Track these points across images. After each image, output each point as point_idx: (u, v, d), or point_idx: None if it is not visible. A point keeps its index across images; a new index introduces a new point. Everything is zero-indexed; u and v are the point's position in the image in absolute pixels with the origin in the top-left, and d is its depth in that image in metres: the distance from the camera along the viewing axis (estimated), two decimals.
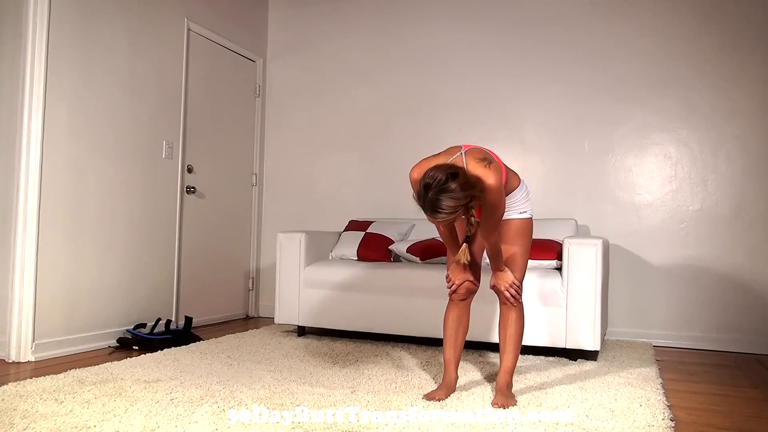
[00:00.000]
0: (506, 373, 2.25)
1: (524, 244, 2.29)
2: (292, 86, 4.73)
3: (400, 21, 4.41)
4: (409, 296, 3.32)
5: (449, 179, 1.88)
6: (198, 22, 4.06)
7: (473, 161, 2.04)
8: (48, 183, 3.00)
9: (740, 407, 2.30)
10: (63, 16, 3.07)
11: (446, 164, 1.99)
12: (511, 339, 2.27)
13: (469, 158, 2.06)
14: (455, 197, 1.89)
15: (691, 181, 3.70)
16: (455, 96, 4.23)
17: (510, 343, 2.27)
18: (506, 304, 2.29)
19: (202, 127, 4.11)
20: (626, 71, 3.84)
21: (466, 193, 1.91)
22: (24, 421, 1.86)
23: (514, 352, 2.27)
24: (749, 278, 3.55)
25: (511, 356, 2.27)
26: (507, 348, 2.27)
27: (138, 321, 3.51)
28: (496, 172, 2.02)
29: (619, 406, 2.15)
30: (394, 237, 3.79)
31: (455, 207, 1.91)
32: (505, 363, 2.27)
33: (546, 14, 4.04)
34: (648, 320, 3.72)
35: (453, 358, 2.34)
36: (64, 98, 3.09)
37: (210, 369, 2.64)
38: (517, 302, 2.28)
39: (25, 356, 2.90)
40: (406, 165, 4.33)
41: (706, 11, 3.69)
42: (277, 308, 3.63)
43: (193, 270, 4.03)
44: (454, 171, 1.92)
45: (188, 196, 3.99)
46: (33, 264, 2.92)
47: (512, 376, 2.27)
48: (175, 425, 1.83)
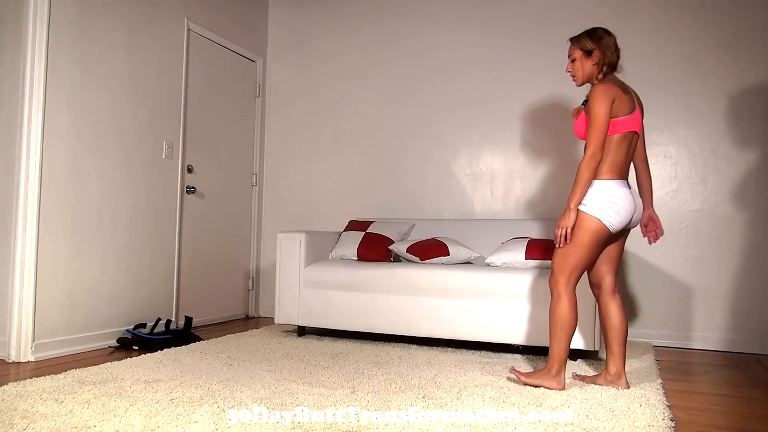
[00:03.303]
0: (549, 358, 2.40)
1: (572, 238, 2.35)
2: (292, 86, 4.73)
3: (400, 21, 4.41)
4: (409, 296, 3.32)
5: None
6: (198, 22, 4.06)
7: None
8: (48, 183, 3.00)
9: (740, 407, 2.30)
10: (63, 16, 3.07)
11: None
12: (550, 326, 2.41)
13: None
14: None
15: (691, 181, 3.70)
16: (455, 96, 4.23)
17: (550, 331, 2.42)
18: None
19: (202, 127, 4.11)
20: (626, 71, 3.82)
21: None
22: (24, 421, 1.86)
23: (551, 338, 2.39)
24: (749, 278, 3.55)
25: (551, 343, 2.39)
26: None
27: (138, 321, 3.51)
28: (603, 92, 2.32)
29: (619, 406, 2.15)
30: (394, 237, 3.79)
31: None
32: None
33: (547, 14, 4.04)
34: (648, 320, 3.72)
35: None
36: (64, 98, 3.09)
37: (210, 369, 2.64)
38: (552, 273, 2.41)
39: (25, 356, 2.90)
40: (406, 165, 4.33)
41: (705, 11, 3.69)
42: (277, 308, 3.63)
43: (193, 270, 4.03)
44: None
45: (188, 196, 3.99)
46: (33, 264, 2.92)
47: (552, 361, 2.38)
48: (175, 425, 1.83)
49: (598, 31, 2.45)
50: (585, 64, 2.46)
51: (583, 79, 2.49)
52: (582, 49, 2.45)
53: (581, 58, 2.46)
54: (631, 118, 2.36)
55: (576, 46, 2.48)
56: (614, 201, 2.31)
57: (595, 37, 2.43)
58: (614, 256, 2.52)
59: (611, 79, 2.42)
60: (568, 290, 2.36)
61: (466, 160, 4.18)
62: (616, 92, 2.34)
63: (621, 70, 2.50)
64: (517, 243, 3.34)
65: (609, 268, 2.52)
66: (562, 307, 2.36)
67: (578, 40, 2.48)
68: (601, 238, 2.34)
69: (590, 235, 2.32)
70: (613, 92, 2.33)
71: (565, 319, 2.35)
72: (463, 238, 3.77)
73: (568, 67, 2.51)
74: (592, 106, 2.32)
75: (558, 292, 2.37)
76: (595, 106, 2.30)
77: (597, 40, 2.42)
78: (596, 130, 2.29)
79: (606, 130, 2.30)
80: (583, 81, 2.50)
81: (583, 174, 2.29)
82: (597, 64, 2.43)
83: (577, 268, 2.36)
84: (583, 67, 2.46)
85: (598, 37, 2.43)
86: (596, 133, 2.29)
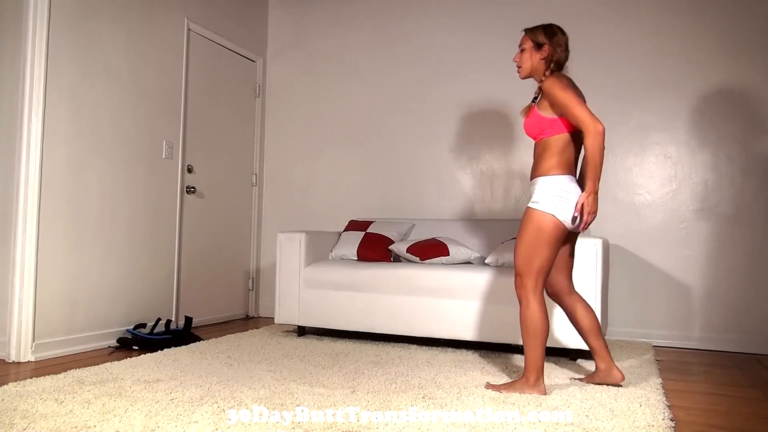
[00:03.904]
0: (526, 367, 2.33)
1: (521, 234, 2.34)
2: (292, 86, 4.73)
3: (400, 21, 4.41)
4: (409, 296, 3.32)
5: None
6: (198, 22, 4.06)
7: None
8: (48, 183, 3.00)
9: (740, 407, 2.30)
10: (63, 16, 3.07)
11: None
12: (522, 334, 2.36)
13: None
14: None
15: (691, 181, 3.70)
16: (455, 96, 4.22)
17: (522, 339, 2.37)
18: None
19: (202, 127, 4.11)
20: (626, 71, 3.85)
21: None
22: (24, 421, 1.86)
23: (525, 347, 2.33)
24: (749, 278, 3.55)
25: (525, 351, 2.34)
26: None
27: (138, 321, 3.51)
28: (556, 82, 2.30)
29: (619, 406, 2.15)
30: (394, 237, 3.79)
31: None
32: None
33: (546, 14, 4.03)
34: (648, 320, 3.72)
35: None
36: (64, 98, 3.09)
37: (210, 369, 2.64)
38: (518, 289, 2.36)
39: (25, 356, 2.90)
40: (405, 165, 4.33)
41: (706, 11, 3.69)
42: (277, 308, 3.63)
43: (193, 270, 4.03)
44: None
45: (188, 196, 3.99)
46: (33, 264, 2.92)
47: (529, 370, 2.31)
48: (175, 425, 1.83)
49: (553, 27, 2.44)
50: (533, 56, 2.43)
51: (527, 72, 2.46)
52: (533, 41, 2.43)
53: (531, 50, 2.43)
54: None
55: (528, 37, 2.45)
56: (567, 197, 2.28)
57: (549, 32, 2.42)
58: (567, 261, 2.50)
59: (561, 74, 2.40)
60: (536, 295, 2.31)
61: (466, 160, 4.18)
62: (570, 82, 2.35)
63: (566, 71, 2.47)
64: None
65: (564, 273, 2.50)
66: (532, 313, 2.30)
67: (532, 31, 2.45)
68: (560, 234, 2.30)
69: (549, 233, 2.28)
70: (567, 81, 2.34)
71: (537, 326, 2.29)
72: (463, 238, 3.77)
73: (516, 57, 2.48)
74: (555, 95, 2.28)
75: (526, 298, 2.31)
76: (558, 94, 2.27)
77: (550, 35, 2.41)
78: (577, 110, 2.23)
79: (584, 104, 2.26)
80: (527, 74, 2.47)
81: (593, 152, 2.21)
82: (545, 59, 2.41)
83: (542, 269, 2.31)
84: (531, 59, 2.43)
85: (552, 32, 2.42)
86: (577, 109, 2.23)
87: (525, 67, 2.45)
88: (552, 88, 2.29)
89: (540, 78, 2.42)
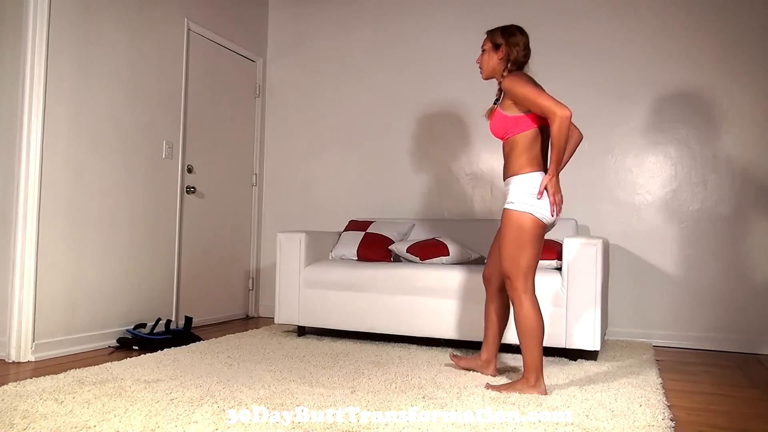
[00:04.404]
0: (525, 368, 2.34)
1: (504, 236, 2.36)
2: (292, 86, 4.73)
3: (400, 21, 4.41)
4: (409, 296, 3.32)
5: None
6: (198, 22, 4.06)
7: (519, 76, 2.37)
8: (48, 183, 3.00)
9: (740, 407, 2.30)
10: (63, 16, 3.07)
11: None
12: (519, 336, 2.37)
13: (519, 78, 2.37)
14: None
15: (691, 181, 3.70)
16: (455, 96, 4.22)
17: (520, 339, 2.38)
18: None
19: (202, 127, 4.11)
20: (626, 71, 3.84)
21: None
22: (24, 421, 1.86)
23: (523, 348, 2.34)
24: (749, 278, 3.55)
25: (523, 353, 2.35)
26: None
27: (138, 321, 3.51)
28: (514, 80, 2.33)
29: (619, 406, 2.15)
30: (394, 237, 3.79)
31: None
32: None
33: (546, 14, 4.04)
34: (648, 320, 3.72)
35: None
36: (64, 98, 3.09)
37: (210, 369, 2.64)
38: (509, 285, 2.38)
39: (25, 356, 2.90)
40: (405, 165, 4.33)
41: (706, 11, 3.69)
42: (277, 308, 3.63)
43: (193, 270, 4.03)
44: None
45: (188, 196, 3.99)
46: (33, 264, 2.92)
47: (529, 371, 2.31)
48: (175, 425, 1.83)
49: (511, 27, 2.49)
50: (492, 57, 2.48)
51: (487, 72, 2.51)
52: (492, 42, 2.49)
53: (490, 51, 2.49)
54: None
55: (488, 38, 2.51)
56: (536, 192, 2.32)
57: (506, 33, 2.47)
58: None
59: (521, 72, 2.44)
60: (528, 295, 2.33)
61: (466, 160, 4.18)
62: (528, 77, 2.38)
63: (528, 71, 2.51)
64: None
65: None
66: (526, 313, 2.31)
67: (492, 32, 2.51)
68: (541, 231, 2.33)
69: (530, 231, 2.31)
70: (526, 76, 2.38)
71: (533, 326, 2.30)
72: (463, 238, 3.77)
73: (478, 58, 2.55)
74: (516, 92, 2.31)
75: (519, 299, 2.33)
76: (519, 89, 2.30)
77: (507, 35, 2.46)
78: (540, 99, 2.25)
79: (545, 93, 2.29)
80: (488, 74, 2.52)
81: (560, 138, 2.23)
82: (502, 59, 2.45)
83: (530, 269, 2.33)
84: (490, 60, 2.49)
85: (510, 33, 2.46)
86: (542, 101, 2.25)
87: (485, 67, 2.51)
88: (512, 86, 2.33)
89: (499, 78, 2.47)
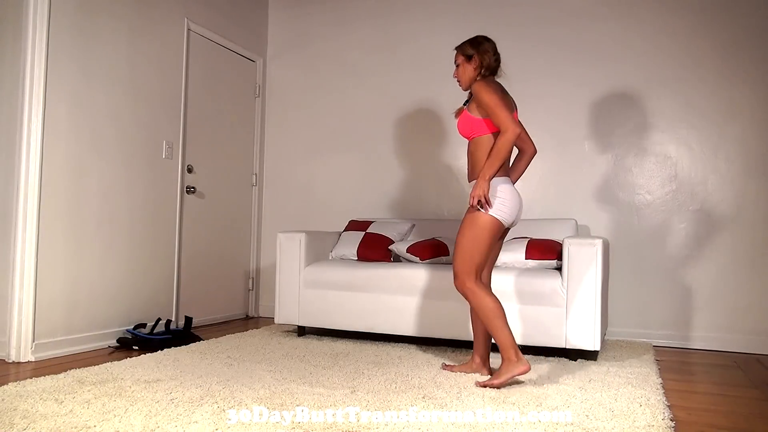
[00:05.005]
0: (502, 349, 2.45)
1: (463, 235, 2.49)
2: (292, 86, 4.73)
3: (401, 21, 4.41)
4: (409, 296, 3.32)
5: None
6: (198, 22, 4.06)
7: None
8: (48, 183, 3.00)
9: (740, 407, 2.30)
10: (63, 16, 3.07)
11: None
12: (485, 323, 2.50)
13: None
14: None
15: (691, 181, 3.70)
16: (455, 96, 4.21)
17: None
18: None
19: (202, 127, 4.11)
20: (626, 71, 3.85)
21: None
22: (24, 421, 1.86)
23: (492, 332, 2.47)
24: (749, 278, 3.55)
25: (494, 336, 2.47)
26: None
27: (138, 321, 3.51)
28: (485, 87, 2.45)
29: (619, 406, 2.15)
30: (394, 237, 3.79)
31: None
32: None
33: (546, 14, 4.04)
34: (648, 320, 3.72)
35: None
36: (64, 98, 3.09)
37: (210, 369, 2.64)
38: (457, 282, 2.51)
39: (25, 356, 2.90)
40: (405, 165, 4.33)
41: (706, 10, 3.69)
42: (277, 308, 3.63)
43: (193, 270, 4.03)
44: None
45: (188, 196, 3.99)
46: (33, 264, 2.92)
47: (506, 350, 2.41)
48: (175, 425, 1.83)
49: (478, 37, 2.65)
50: (467, 68, 2.62)
51: (466, 83, 2.65)
52: (464, 55, 2.63)
53: (463, 63, 2.64)
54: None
55: (459, 52, 2.66)
56: (501, 195, 2.47)
57: (474, 43, 2.62)
58: (494, 255, 2.69)
59: (490, 79, 2.59)
60: (476, 284, 2.47)
61: (466, 160, 4.17)
62: (497, 86, 2.51)
63: (501, 74, 2.65)
64: (517, 243, 3.34)
65: (489, 267, 2.69)
66: (482, 300, 2.45)
67: (461, 47, 2.66)
68: (498, 233, 2.49)
69: (488, 232, 2.46)
70: (495, 85, 2.53)
71: (492, 308, 2.44)
72: None
73: (455, 73, 2.68)
74: (481, 99, 2.45)
75: (471, 290, 2.47)
76: (484, 97, 2.44)
77: (476, 45, 2.61)
78: (498, 111, 2.40)
79: (505, 107, 2.41)
80: (466, 85, 2.65)
81: (501, 150, 2.40)
82: (477, 68, 2.60)
83: (480, 265, 2.49)
84: (466, 71, 2.63)
85: (477, 42, 2.62)
86: (500, 113, 2.40)
87: (463, 79, 2.66)
88: (479, 91, 2.47)
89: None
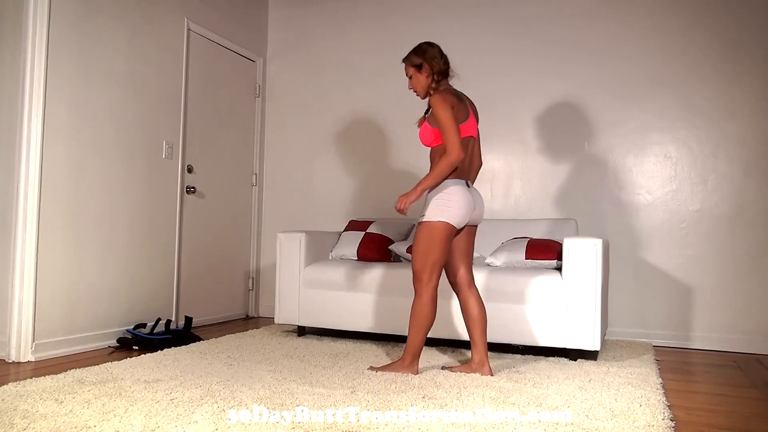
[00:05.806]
0: (405, 350, 2.60)
1: (417, 240, 2.56)
2: (292, 86, 4.73)
3: (401, 21, 4.41)
4: (409, 296, 3.30)
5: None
6: (198, 22, 4.06)
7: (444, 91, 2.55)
8: (48, 183, 3.00)
9: (740, 407, 2.30)
10: (63, 16, 3.07)
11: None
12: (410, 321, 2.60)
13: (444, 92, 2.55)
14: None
15: (691, 181, 3.70)
16: None
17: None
18: None
19: (202, 127, 4.11)
20: (626, 71, 3.85)
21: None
22: (24, 421, 1.86)
23: (410, 332, 2.58)
24: (749, 278, 3.55)
25: (409, 335, 2.60)
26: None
27: (138, 321, 3.51)
28: (442, 100, 2.48)
29: (619, 406, 2.15)
30: (394, 237, 3.79)
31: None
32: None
33: (546, 14, 4.04)
34: (648, 320, 3.72)
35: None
36: (64, 98, 3.09)
37: (210, 369, 2.64)
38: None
39: (25, 356, 2.90)
40: (405, 165, 4.33)
41: (706, 10, 3.69)
42: (277, 308, 3.63)
43: (193, 270, 4.03)
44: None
45: (188, 196, 3.99)
46: (33, 264, 2.92)
47: (408, 352, 2.58)
48: (175, 425, 1.83)
49: (421, 45, 2.66)
50: (419, 78, 2.65)
51: (423, 92, 2.69)
52: (413, 65, 2.65)
53: (415, 74, 2.66)
54: (466, 125, 2.59)
55: (407, 64, 2.68)
56: (450, 198, 2.51)
57: (419, 51, 2.64)
58: (463, 249, 2.70)
59: (446, 88, 2.62)
60: (429, 288, 2.54)
61: None
62: (452, 100, 2.55)
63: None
64: (517, 243, 3.34)
65: (460, 261, 2.70)
66: (421, 304, 2.54)
67: (407, 58, 2.67)
68: (449, 234, 2.53)
69: (439, 234, 2.51)
70: (450, 100, 2.54)
71: (423, 316, 2.54)
72: None
73: (409, 85, 2.71)
74: (436, 115, 2.49)
75: (420, 290, 2.55)
76: (439, 114, 2.48)
77: (422, 53, 2.63)
78: (449, 132, 2.46)
79: (458, 130, 2.47)
80: (423, 93, 2.69)
81: (442, 168, 2.47)
82: (428, 75, 2.63)
83: (435, 265, 2.53)
84: (419, 81, 2.66)
85: (422, 50, 2.64)
86: (450, 135, 2.45)
87: (419, 89, 2.69)
88: (435, 106, 2.50)
89: (431, 92, 2.62)
